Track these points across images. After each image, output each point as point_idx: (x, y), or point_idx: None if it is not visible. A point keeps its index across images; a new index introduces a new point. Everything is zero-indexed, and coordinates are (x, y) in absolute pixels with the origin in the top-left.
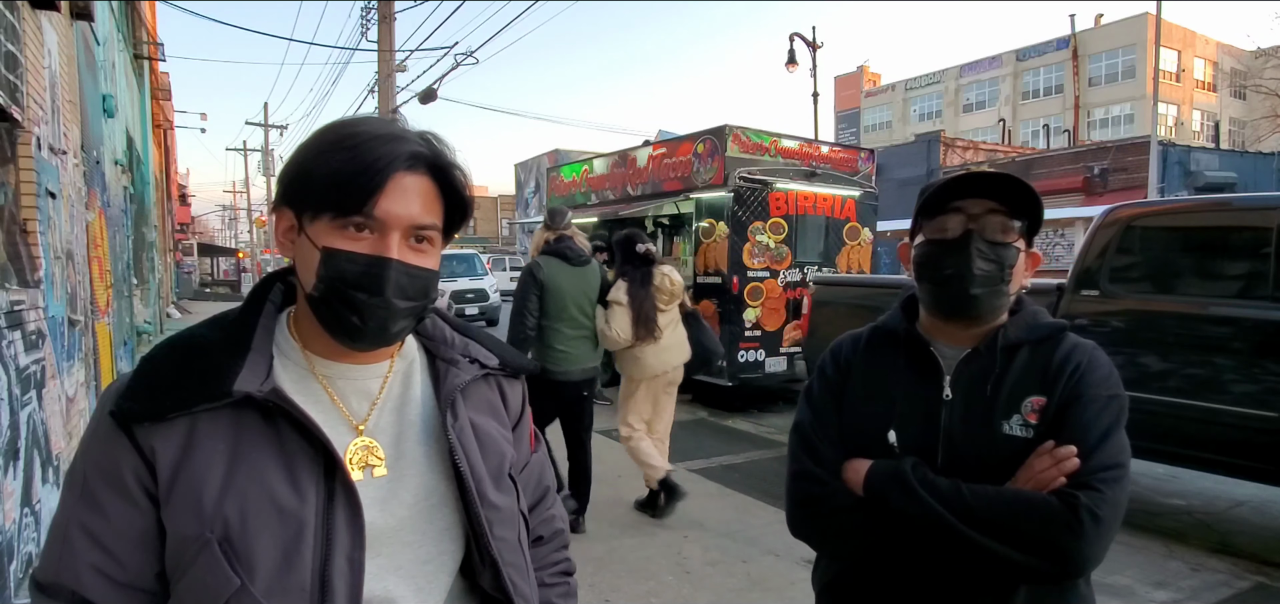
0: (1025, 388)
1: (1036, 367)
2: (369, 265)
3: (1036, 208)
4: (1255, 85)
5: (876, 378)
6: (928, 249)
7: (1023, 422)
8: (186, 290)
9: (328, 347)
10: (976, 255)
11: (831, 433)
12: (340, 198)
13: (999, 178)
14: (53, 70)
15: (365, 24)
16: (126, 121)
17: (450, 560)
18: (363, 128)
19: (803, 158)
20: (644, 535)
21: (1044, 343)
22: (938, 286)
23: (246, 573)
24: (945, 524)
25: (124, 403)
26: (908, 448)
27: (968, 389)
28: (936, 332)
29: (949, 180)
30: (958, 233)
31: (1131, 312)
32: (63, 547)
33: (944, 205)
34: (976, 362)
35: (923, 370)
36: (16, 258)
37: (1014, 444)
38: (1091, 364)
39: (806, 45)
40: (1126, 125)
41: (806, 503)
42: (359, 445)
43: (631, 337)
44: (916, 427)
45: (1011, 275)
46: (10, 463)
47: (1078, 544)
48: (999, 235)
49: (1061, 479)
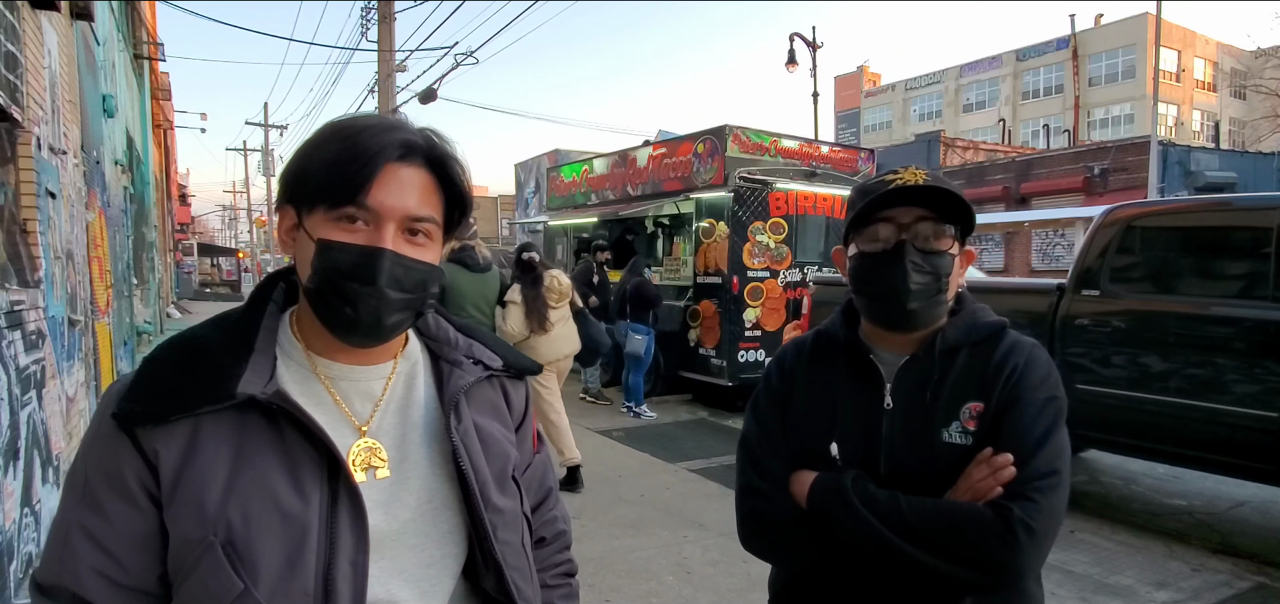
0: (963, 394)
1: (975, 370)
2: (361, 255)
3: (966, 213)
4: (1255, 85)
5: (819, 388)
6: (861, 262)
7: (962, 429)
8: (186, 290)
9: (330, 347)
10: (911, 268)
11: (777, 445)
12: (333, 188)
13: (926, 190)
14: (53, 70)
15: (365, 24)
16: (126, 121)
17: (453, 563)
18: (359, 121)
19: (803, 158)
20: (644, 535)
21: (983, 344)
22: (873, 301)
23: (250, 576)
24: (883, 540)
25: (126, 405)
26: (850, 460)
27: (908, 397)
28: (876, 338)
29: (878, 195)
30: (891, 243)
31: (1132, 312)
32: (64, 548)
33: (874, 215)
34: (915, 368)
35: (863, 379)
36: (16, 258)
37: (954, 452)
38: (1029, 365)
39: (806, 45)
40: (1126, 125)
41: (753, 517)
42: (362, 447)
43: (526, 330)
44: (858, 438)
45: (948, 284)
46: (10, 463)
47: (1012, 557)
48: (932, 243)
49: (998, 489)
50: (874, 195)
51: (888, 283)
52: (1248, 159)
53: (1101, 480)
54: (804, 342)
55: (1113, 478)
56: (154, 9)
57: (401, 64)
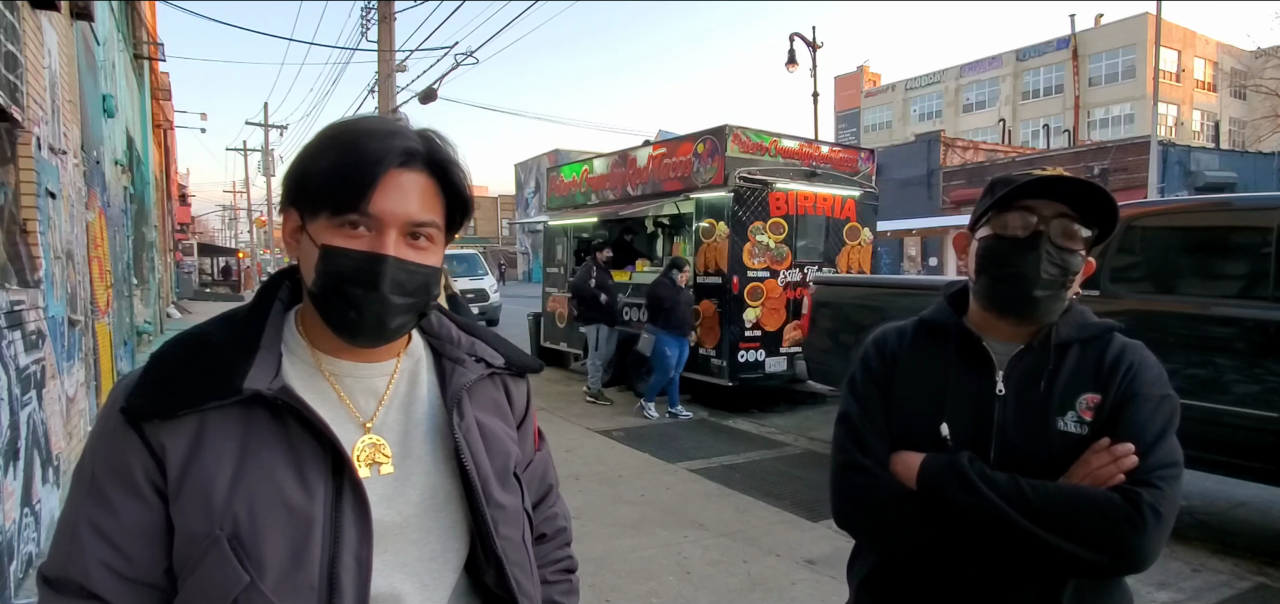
0: (1079, 385)
1: (1088, 364)
2: (364, 261)
3: (1111, 215)
4: (1255, 85)
5: (926, 371)
6: (995, 244)
7: (1077, 418)
8: (186, 290)
9: (334, 344)
10: (1045, 258)
11: (879, 424)
12: (336, 196)
13: (1076, 183)
14: (53, 70)
15: (365, 24)
16: (126, 121)
17: (455, 558)
18: (360, 126)
19: (803, 158)
20: (644, 535)
21: (1094, 342)
22: (1001, 283)
23: (256, 570)
24: (1007, 520)
25: (134, 400)
26: (960, 442)
27: (1021, 385)
28: (987, 327)
29: (1027, 180)
30: (1027, 232)
31: (1132, 312)
32: (71, 542)
33: (1015, 202)
34: (1029, 358)
35: (974, 364)
36: (16, 258)
37: (1068, 440)
38: (1144, 363)
39: (806, 45)
40: (1126, 125)
41: (855, 494)
42: (366, 443)
43: None
44: (969, 421)
45: (1072, 282)
46: (10, 463)
47: (1142, 539)
48: (1066, 240)
49: (1120, 476)
50: (1021, 181)
51: (1019, 267)
52: (1248, 159)
53: None
54: (904, 327)
55: None
56: (154, 9)
57: (401, 64)
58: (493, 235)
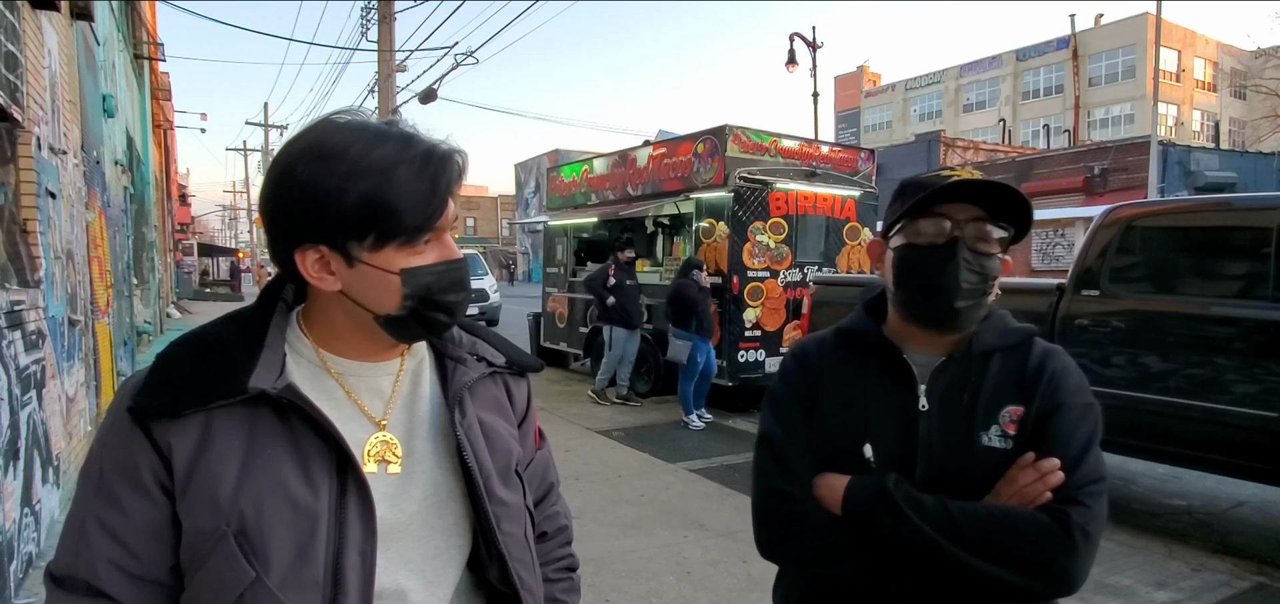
0: (1002, 397)
1: (1011, 374)
2: (449, 269)
3: (1025, 216)
4: (1255, 85)
5: (848, 386)
6: (910, 253)
7: (1001, 432)
8: (186, 290)
9: (340, 344)
10: (963, 266)
11: (802, 445)
12: (414, 225)
13: (991, 185)
14: (53, 70)
15: (365, 24)
16: (126, 121)
17: (458, 554)
18: (392, 148)
19: (803, 158)
20: (644, 535)
21: (1015, 349)
22: (919, 295)
23: (261, 566)
24: (935, 546)
25: (141, 399)
26: (885, 462)
27: (944, 399)
28: (907, 337)
29: (938, 187)
30: (943, 239)
31: (1132, 312)
32: (79, 540)
33: (928, 209)
34: (951, 370)
35: (896, 379)
36: (16, 258)
37: (994, 456)
38: (1065, 371)
39: (806, 45)
40: (1126, 125)
41: (779, 522)
42: (378, 440)
43: None
44: (894, 439)
45: (991, 287)
46: (10, 463)
47: (1073, 562)
48: (983, 244)
49: (1047, 494)
50: (932, 187)
51: (938, 278)
52: (1248, 159)
53: None
54: (825, 337)
55: (1113, 478)
56: (154, 9)
57: (401, 64)
58: (493, 235)
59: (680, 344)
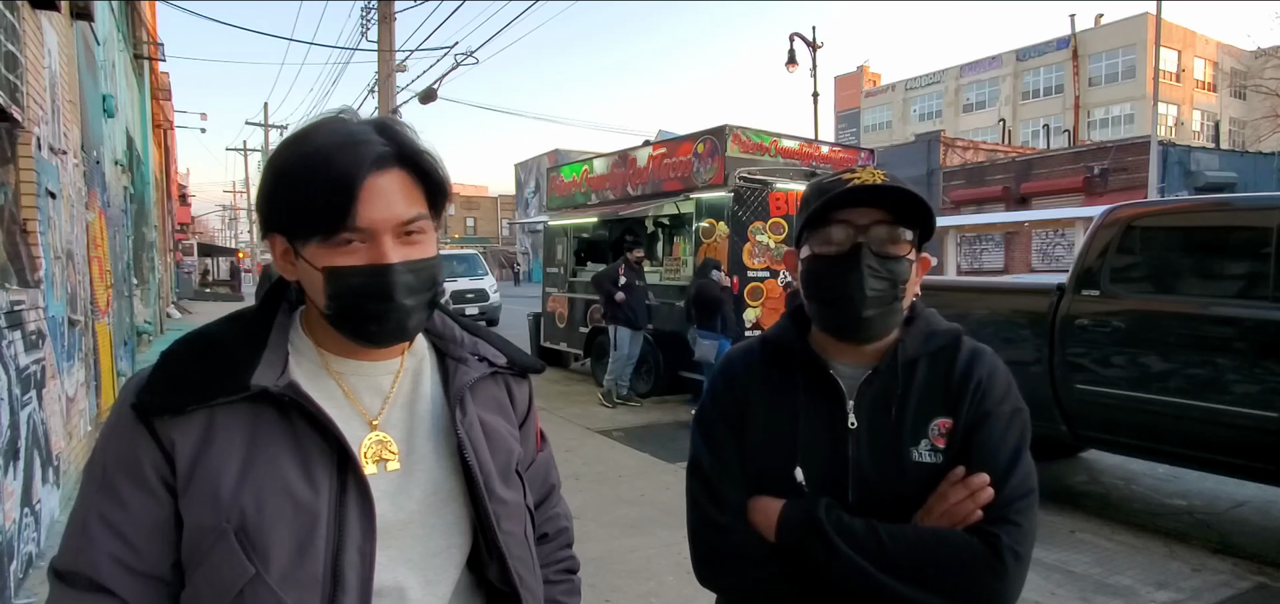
0: (930, 408)
1: (937, 383)
2: (370, 275)
3: (927, 216)
4: (1255, 85)
5: (776, 404)
6: (814, 265)
7: (931, 446)
8: (186, 290)
9: (341, 345)
10: (867, 273)
11: (733, 470)
12: (321, 220)
13: (883, 190)
14: (53, 70)
15: (365, 24)
16: (126, 121)
17: (458, 553)
18: (321, 141)
19: (803, 158)
20: (644, 535)
21: (941, 354)
22: (827, 307)
23: (261, 562)
24: (866, 576)
25: (144, 396)
26: (816, 484)
27: (871, 415)
28: (831, 349)
29: (833, 195)
30: (846, 247)
31: (1132, 312)
32: (82, 536)
33: (829, 216)
34: (877, 382)
35: (823, 395)
36: (16, 258)
37: (924, 471)
38: (992, 376)
39: (806, 45)
40: (1126, 125)
41: (714, 556)
42: (373, 440)
43: None
44: (823, 460)
45: (904, 291)
46: (10, 463)
47: (1003, 586)
48: (888, 248)
49: (977, 512)
50: (829, 195)
51: (842, 288)
52: (1248, 159)
53: (1102, 480)
54: (752, 349)
55: (1113, 478)
56: (154, 9)
57: (401, 64)
58: (493, 235)
59: (707, 344)
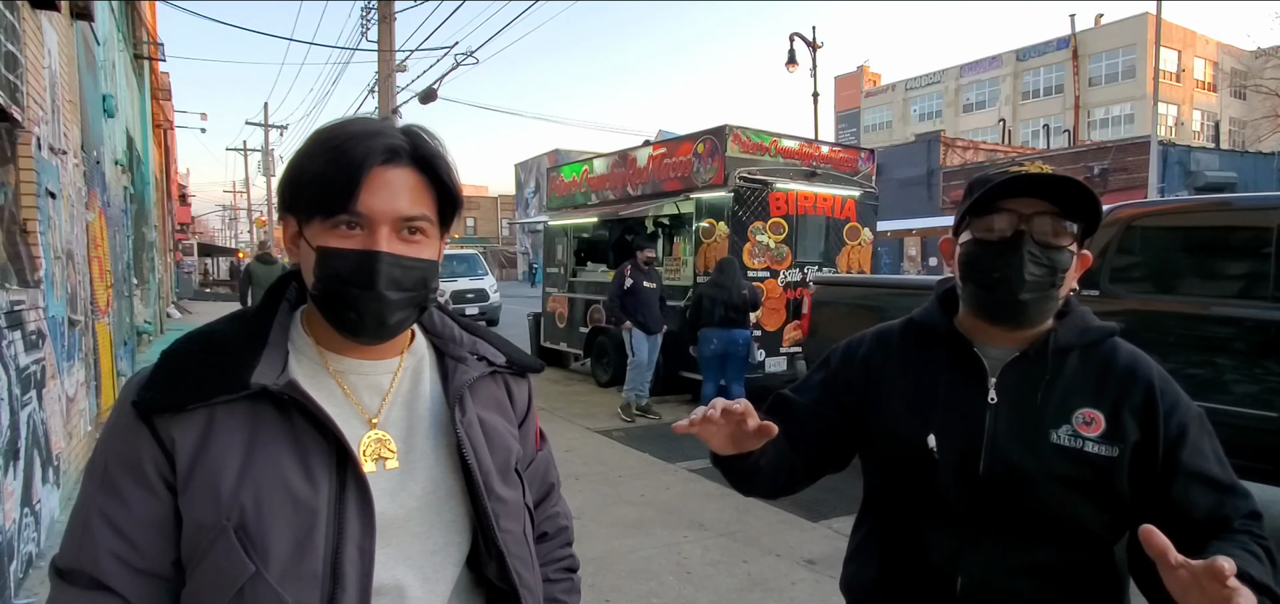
0: (1076, 398)
1: (1089, 375)
2: (359, 260)
3: (1094, 209)
4: (1255, 85)
5: (915, 378)
6: (975, 249)
7: (1073, 432)
8: (186, 290)
9: (340, 343)
10: (1028, 259)
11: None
12: (325, 199)
13: (1053, 179)
14: (53, 70)
15: (365, 24)
16: (126, 121)
17: (457, 551)
18: (345, 128)
19: (803, 158)
20: (644, 535)
21: (1093, 348)
22: (984, 289)
23: (261, 559)
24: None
25: (145, 394)
26: (948, 453)
27: (1015, 395)
28: (979, 331)
29: (1002, 180)
30: (1008, 233)
31: (1132, 312)
32: (83, 534)
33: (993, 204)
34: (1024, 365)
35: (965, 372)
36: (16, 258)
37: (1063, 455)
38: (1166, 383)
39: (806, 45)
40: (1126, 125)
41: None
42: (372, 438)
43: None
44: (958, 432)
45: (1063, 280)
46: (10, 463)
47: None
48: (1051, 238)
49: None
50: (995, 182)
51: (1002, 272)
52: (1248, 159)
53: None
54: (890, 330)
55: None
56: (154, 9)
57: (401, 64)
58: (493, 235)
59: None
